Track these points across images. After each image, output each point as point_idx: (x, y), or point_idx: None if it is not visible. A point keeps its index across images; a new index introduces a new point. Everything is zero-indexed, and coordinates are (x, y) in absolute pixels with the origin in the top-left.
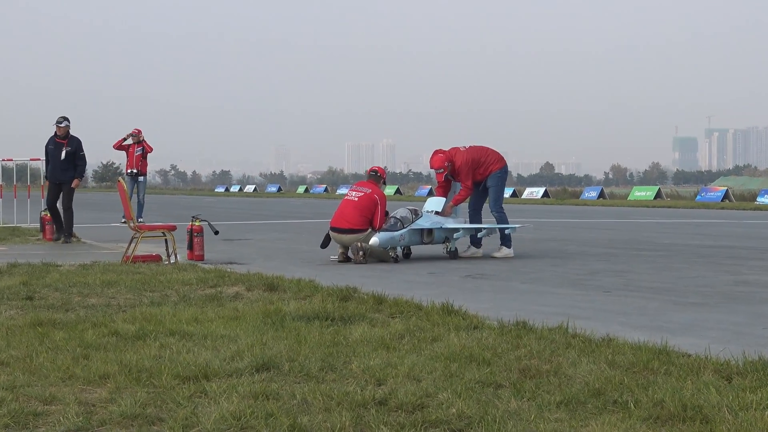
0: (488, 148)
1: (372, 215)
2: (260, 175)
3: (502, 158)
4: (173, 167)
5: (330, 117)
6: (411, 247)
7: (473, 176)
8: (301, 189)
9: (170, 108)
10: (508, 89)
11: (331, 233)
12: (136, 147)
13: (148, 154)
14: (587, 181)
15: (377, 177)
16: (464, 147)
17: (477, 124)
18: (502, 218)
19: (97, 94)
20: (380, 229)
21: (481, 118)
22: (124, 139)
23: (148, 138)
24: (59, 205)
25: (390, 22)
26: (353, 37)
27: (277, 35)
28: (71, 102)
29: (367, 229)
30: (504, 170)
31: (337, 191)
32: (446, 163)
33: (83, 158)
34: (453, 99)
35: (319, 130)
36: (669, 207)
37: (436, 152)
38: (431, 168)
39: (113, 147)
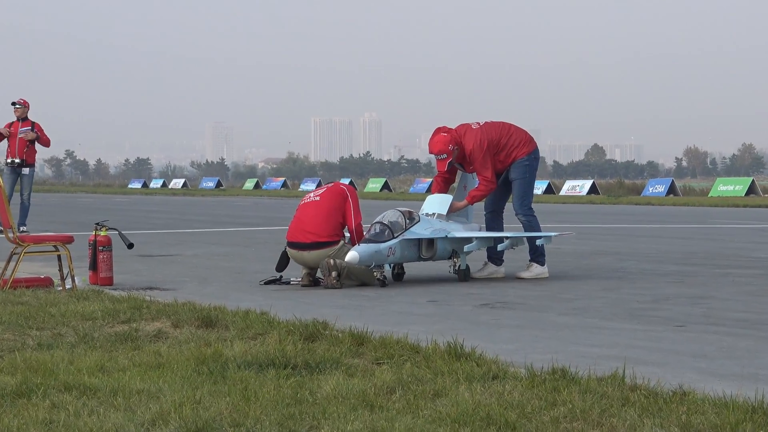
0: (511, 125)
1: (344, 218)
2: (192, 164)
3: (531, 139)
4: (69, 154)
5: (289, 82)
6: (404, 264)
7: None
8: (249, 184)
9: (64, 71)
10: (534, 41)
11: (290, 251)
12: (20, 125)
13: (40, 140)
14: (652, 170)
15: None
16: (477, 123)
17: (494, 92)
18: (531, 223)
19: None
20: (360, 237)
21: (500, 82)
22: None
23: (34, 115)
24: None
25: None
26: None
27: None
28: None
29: (339, 240)
30: (534, 156)
31: (301, 186)
32: (450, 146)
33: None
34: (459, 57)
35: (274, 101)
36: (767, 206)
37: (437, 131)
38: (431, 153)
39: None
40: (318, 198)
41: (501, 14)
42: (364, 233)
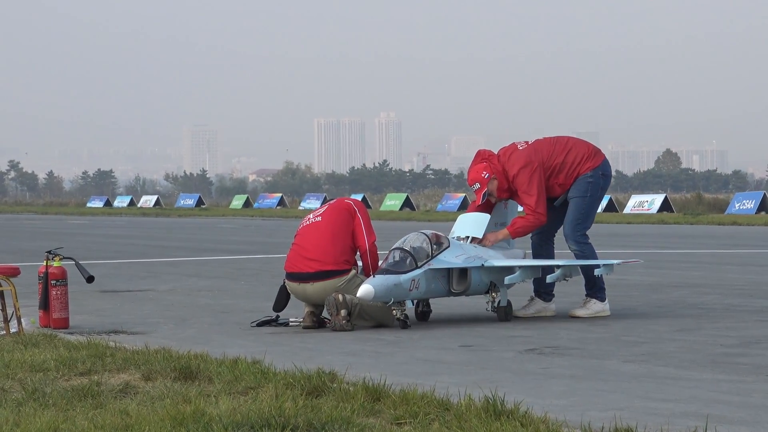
0: (569, 138)
1: (354, 239)
2: (166, 177)
3: (598, 152)
4: (13, 166)
5: (287, 75)
6: (430, 300)
7: (549, 191)
8: (237, 201)
9: (2, 59)
10: (589, 22)
11: (289, 284)
12: None
13: None
14: (738, 181)
15: None
16: (525, 143)
17: (540, 86)
18: (585, 254)
19: None
20: (375, 261)
21: (547, 74)
22: None
23: None
24: None
25: None
26: None
27: None
28: None
29: (349, 269)
30: (601, 172)
31: (302, 204)
32: (485, 174)
33: None
34: (496, 43)
35: (268, 99)
36: None
37: (477, 157)
38: (469, 183)
39: None
40: (319, 218)
41: None
42: (380, 263)
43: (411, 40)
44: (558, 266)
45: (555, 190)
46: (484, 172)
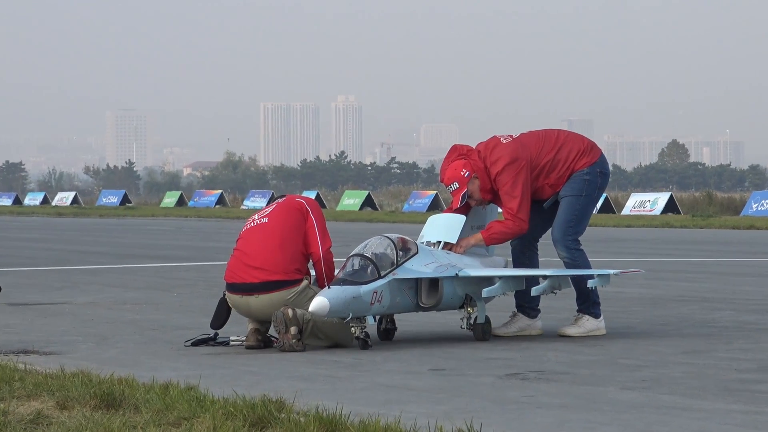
0: (560, 132)
1: (305, 243)
2: (86, 171)
3: (593, 146)
4: None
5: (228, 52)
6: (395, 316)
7: (539, 193)
8: (170, 199)
9: None
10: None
11: (230, 297)
12: None
13: None
14: (756, 178)
15: None
16: (510, 137)
17: (523, 68)
18: (576, 262)
19: None
20: (330, 272)
21: (532, 54)
22: None
23: None
24: None
25: None
26: None
27: None
28: None
29: (301, 279)
30: (598, 169)
31: (245, 202)
32: (464, 172)
33: None
34: (473, 17)
35: (206, 80)
36: None
37: (452, 152)
38: (441, 182)
39: None
40: (266, 219)
41: None
42: (337, 272)
43: (374, 12)
44: (545, 276)
45: (545, 191)
46: (464, 170)
